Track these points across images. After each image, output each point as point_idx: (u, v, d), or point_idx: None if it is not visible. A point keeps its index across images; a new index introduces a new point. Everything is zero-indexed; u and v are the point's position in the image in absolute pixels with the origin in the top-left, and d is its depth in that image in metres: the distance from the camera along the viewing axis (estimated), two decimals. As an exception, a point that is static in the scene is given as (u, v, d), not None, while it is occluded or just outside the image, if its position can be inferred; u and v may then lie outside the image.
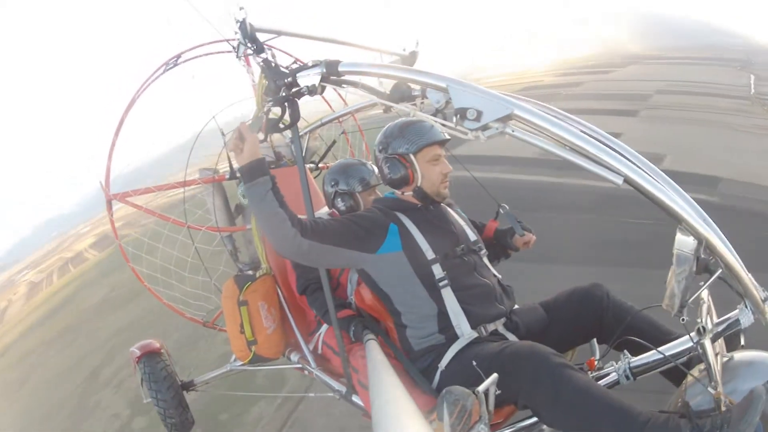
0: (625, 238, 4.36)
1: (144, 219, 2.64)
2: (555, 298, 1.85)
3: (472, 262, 1.80)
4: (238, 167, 1.61)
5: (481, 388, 1.33)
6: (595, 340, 1.81)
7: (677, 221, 1.27)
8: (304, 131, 2.73)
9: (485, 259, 1.89)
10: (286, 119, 1.65)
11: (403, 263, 1.72)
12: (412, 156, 1.79)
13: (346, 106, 2.64)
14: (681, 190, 1.29)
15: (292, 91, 1.61)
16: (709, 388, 1.28)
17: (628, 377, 1.53)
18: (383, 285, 1.78)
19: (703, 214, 1.27)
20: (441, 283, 1.71)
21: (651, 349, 1.50)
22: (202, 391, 2.91)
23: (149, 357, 2.69)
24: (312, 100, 1.68)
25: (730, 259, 1.29)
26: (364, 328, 1.91)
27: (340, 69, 1.53)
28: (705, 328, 1.32)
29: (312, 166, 2.98)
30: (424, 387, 1.68)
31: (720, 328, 1.40)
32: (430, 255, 1.73)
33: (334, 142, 3.05)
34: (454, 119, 1.35)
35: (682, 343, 1.46)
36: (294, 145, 1.81)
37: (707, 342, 1.31)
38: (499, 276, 1.88)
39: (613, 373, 1.55)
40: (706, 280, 1.32)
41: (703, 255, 1.26)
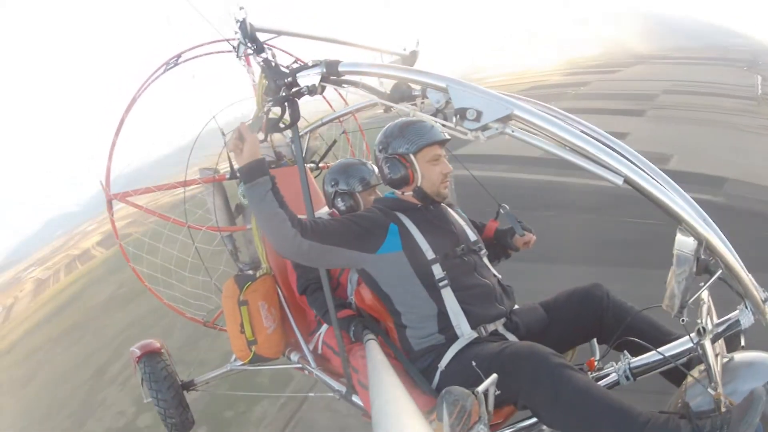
0: (625, 238, 4.36)
1: (149, 217, 2.65)
2: (555, 298, 1.85)
3: (472, 262, 1.80)
4: (238, 167, 1.61)
5: (480, 388, 1.33)
6: (595, 341, 1.81)
7: (677, 221, 1.26)
8: (304, 131, 2.72)
9: (485, 259, 1.89)
10: (286, 119, 1.65)
11: (403, 263, 1.72)
12: (412, 156, 1.79)
13: (347, 105, 2.63)
14: (681, 191, 1.28)
15: (292, 90, 1.61)
16: (709, 389, 1.28)
17: (628, 378, 1.53)
18: (383, 285, 1.78)
19: (704, 214, 1.27)
20: (441, 283, 1.71)
21: (651, 349, 1.50)
22: (203, 391, 2.91)
23: (149, 357, 2.70)
24: (312, 100, 1.68)
25: (731, 260, 1.28)
26: (364, 328, 1.91)
27: (340, 69, 1.53)
28: (705, 328, 1.32)
29: (312, 165, 2.98)
30: (423, 387, 1.68)
31: (720, 329, 1.39)
32: (430, 255, 1.73)
33: (335, 141, 3.04)
34: (454, 119, 1.35)
35: (682, 344, 1.46)
36: (294, 145, 1.82)
37: (707, 343, 1.31)
38: (499, 276, 1.88)
39: (613, 374, 1.55)
40: (706, 281, 1.31)
41: (703, 255, 1.26)
